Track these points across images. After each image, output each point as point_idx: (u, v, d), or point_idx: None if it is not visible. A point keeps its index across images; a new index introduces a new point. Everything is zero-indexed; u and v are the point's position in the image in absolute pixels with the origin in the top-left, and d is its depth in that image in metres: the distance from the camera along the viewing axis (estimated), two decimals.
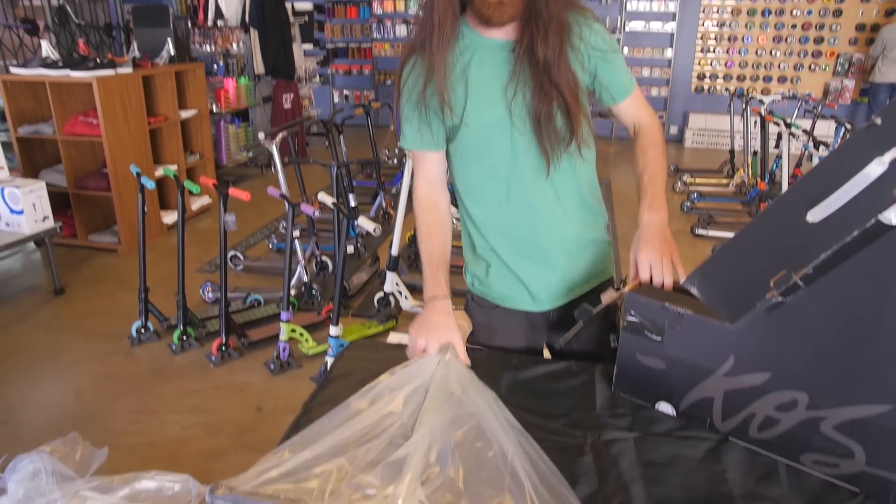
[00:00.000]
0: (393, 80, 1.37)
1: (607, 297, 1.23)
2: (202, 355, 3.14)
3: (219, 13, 6.90)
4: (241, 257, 4.22)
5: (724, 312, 1.03)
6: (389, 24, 8.86)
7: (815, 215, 0.92)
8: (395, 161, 6.02)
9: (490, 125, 1.27)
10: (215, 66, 7.09)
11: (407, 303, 3.39)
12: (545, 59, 1.20)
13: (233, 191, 2.92)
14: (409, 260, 4.07)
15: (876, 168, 0.86)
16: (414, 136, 1.33)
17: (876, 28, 7.58)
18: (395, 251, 3.37)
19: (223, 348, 3.07)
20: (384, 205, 4.88)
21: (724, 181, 6.19)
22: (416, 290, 3.71)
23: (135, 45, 5.30)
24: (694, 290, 1.05)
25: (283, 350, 2.99)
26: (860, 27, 7.68)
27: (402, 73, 1.29)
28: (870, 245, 0.89)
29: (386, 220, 4.81)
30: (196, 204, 5.36)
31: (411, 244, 4.16)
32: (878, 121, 0.85)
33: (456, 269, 1.38)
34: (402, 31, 8.85)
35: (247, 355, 3.15)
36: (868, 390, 0.94)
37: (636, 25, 8.16)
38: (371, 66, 9.11)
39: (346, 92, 9.32)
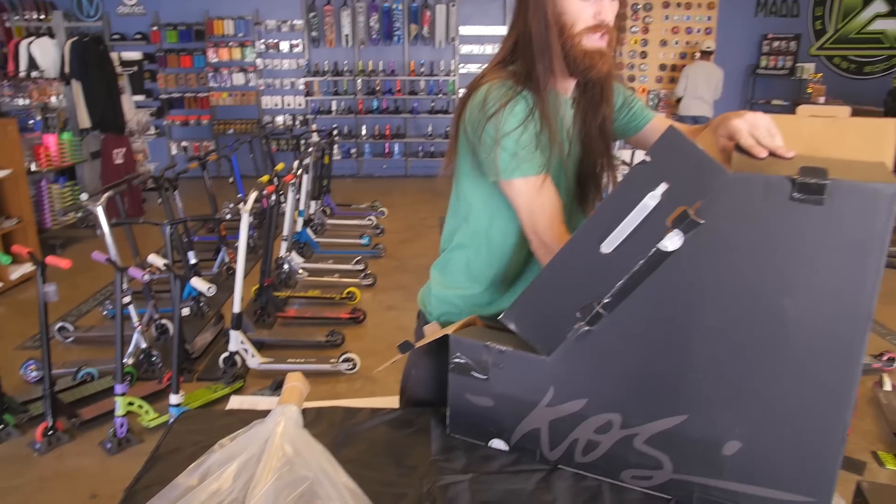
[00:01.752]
0: (486, 102, 1.17)
1: (429, 329, 1.26)
2: (24, 444, 2.81)
3: (33, 64, 6.39)
4: (71, 328, 3.87)
5: (541, 346, 1.08)
6: (226, 72, 8.65)
7: (607, 246, 1.00)
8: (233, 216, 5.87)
9: (553, 170, 1.26)
10: (31, 122, 6.53)
11: (254, 360, 3.25)
12: (604, 117, 1.27)
13: (50, 259, 2.69)
14: (255, 315, 3.93)
15: (651, 201, 0.95)
16: (540, 161, 1.22)
17: (675, 68, 8.55)
18: (236, 308, 3.24)
19: (50, 433, 2.77)
20: (227, 259, 4.69)
21: None
22: (263, 347, 3.58)
23: None
24: (512, 326, 1.10)
25: (121, 426, 2.75)
26: (662, 67, 8.64)
27: (515, 103, 1.20)
28: (655, 271, 0.98)
29: (230, 275, 4.62)
30: (16, 273, 4.85)
31: (257, 298, 4.02)
32: (648, 158, 0.95)
33: None
34: (239, 79, 8.66)
35: (79, 437, 2.86)
36: (668, 403, 1.02)
37: (470, 68, 8.57)
38: (210, 115, 8.81)
39: (184, 143, 8.93)
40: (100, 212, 3.35)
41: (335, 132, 8.19)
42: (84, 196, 3.42)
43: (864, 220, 0.87)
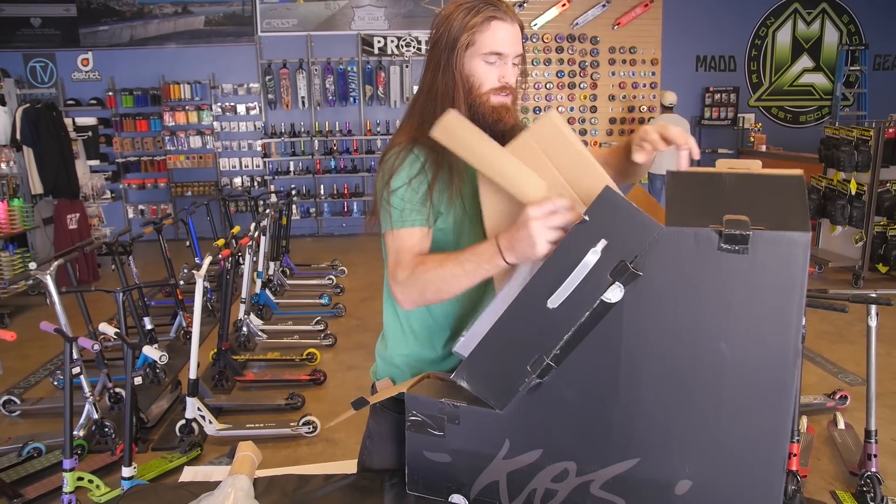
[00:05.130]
0: (384, 168, 1.28)
1: (382, 385, 1.27)
2: None
3: None
4: (18, 401, 3.72)
5: (494, 400, 1.11)
6: (183, 135, 8.66)
7: (553, 301, 1.03)
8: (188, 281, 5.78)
9: (459, 220, 1.31)
10: None
11: (212, 427, 3.18)
12: None
13: None
14: (213, 380, 3.85)
15: (592, 257, 1.00)
16: (421, 213, 1.28)
17: (623, 121, 8.91)
18: (192, 374, 3.18)
19: None
20: (185, 324, 4.61)
21: None
22: (221, 413, 3.50)
23: None
24: (464, 384, 1.12)
25: (68, 503, 2.63)
26: (612, 120, 8.97)
27: (404, 160, 1.28)
28: (600, 321, 1.02)
29: (188, 340, 4.53)
30: None
31: (215, 362, 3.94)
32: (587, 217, 1.00)
33: None
34: (196, 142, 8.67)
35: None
36: (620, 448, 1.05)
37: None
38: (167, 178, 8.77)
39: (141, 206, 8.84)
40: (49, 280, 3.28)
41: (293, 192, 8.22)
42: (32, 265, 3.35)
43: (784, 265, 0.93)
